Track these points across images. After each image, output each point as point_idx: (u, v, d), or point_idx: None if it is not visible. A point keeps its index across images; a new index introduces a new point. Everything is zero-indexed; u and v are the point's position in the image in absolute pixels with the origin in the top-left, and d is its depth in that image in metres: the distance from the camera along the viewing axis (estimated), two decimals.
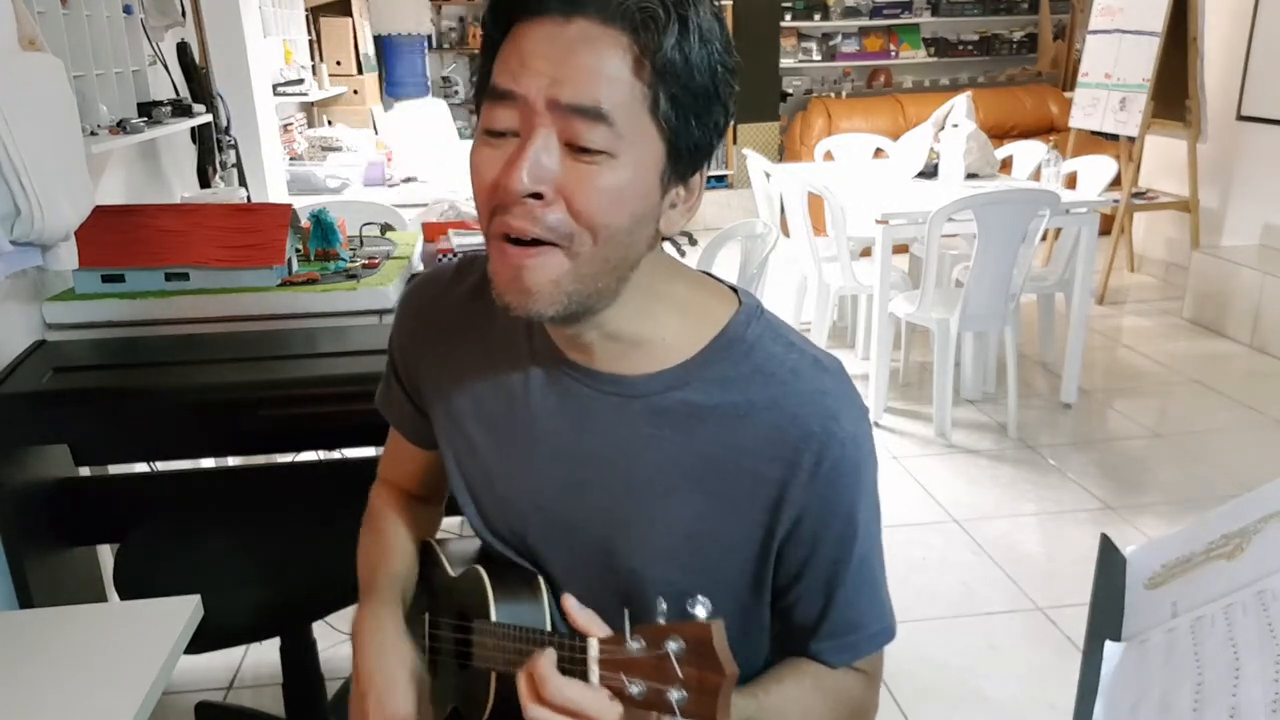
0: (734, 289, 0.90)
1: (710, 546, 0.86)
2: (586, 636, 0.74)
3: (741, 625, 0.91)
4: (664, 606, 0.70)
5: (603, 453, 0.87)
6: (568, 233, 0.74)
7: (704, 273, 0.92)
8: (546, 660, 0.74)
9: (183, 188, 2.92)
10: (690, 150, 0.76)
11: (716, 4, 0.75)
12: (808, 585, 0.88)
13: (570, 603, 0.76)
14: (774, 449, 0.82)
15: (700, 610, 0.68)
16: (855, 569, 0.88)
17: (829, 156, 4.66)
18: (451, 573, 1.00)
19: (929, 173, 3.91)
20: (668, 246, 0.86)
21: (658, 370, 0.85)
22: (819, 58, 6.71)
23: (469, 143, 0.79)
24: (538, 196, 0.72)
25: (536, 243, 0.74)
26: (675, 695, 0.67)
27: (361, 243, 2.34)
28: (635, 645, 0.70)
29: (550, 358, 0.88)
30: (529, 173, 0.71)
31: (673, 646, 0.67)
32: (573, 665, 0.75)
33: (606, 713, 0.71)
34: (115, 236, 1.98)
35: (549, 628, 0.91)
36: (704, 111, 0.75)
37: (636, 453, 0.85)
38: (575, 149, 0.72)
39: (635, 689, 0.69)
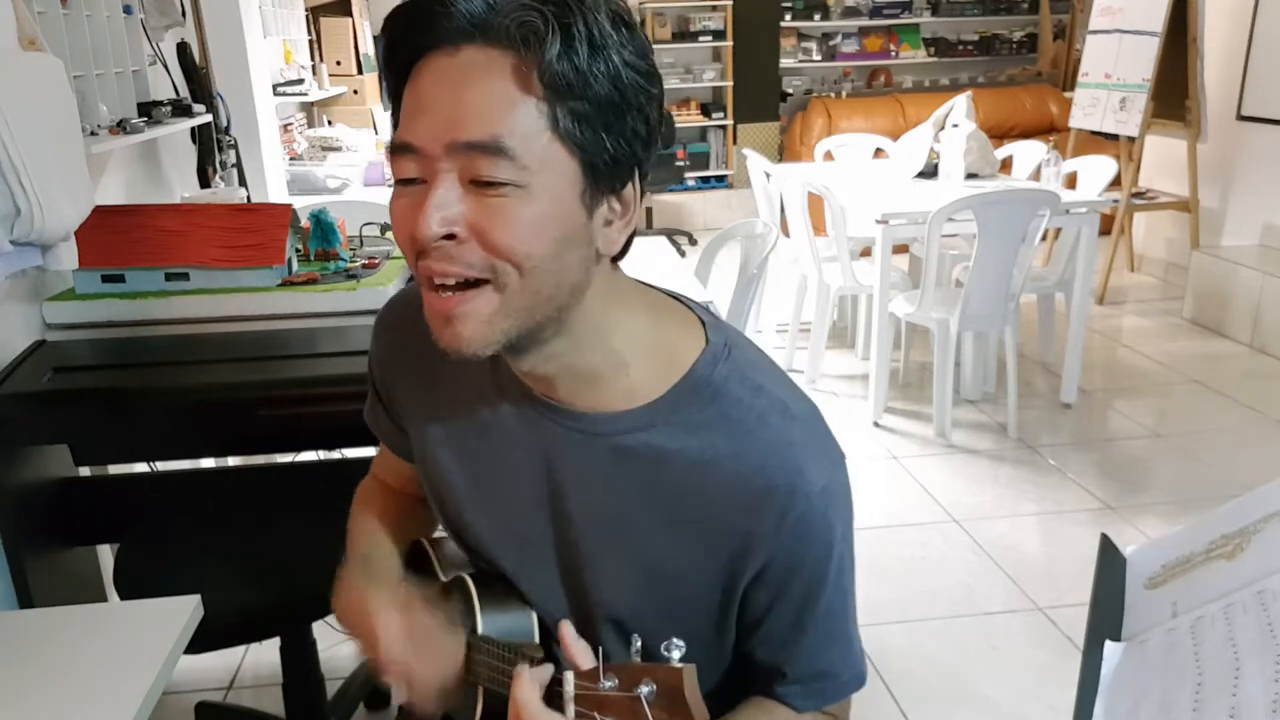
0: (701, 319, 0.87)
1: (675, 585, 0.85)
2: (564, 671, 0.74)
3: (707, 658, 0.89)
4: (638, 644, 0.70)
5: (569, 487, 0.86)
6: (489, 266, 0.72)
7: (671, 295, 0.89)
8: (528, 687, 0.75)
9: (183, 188, 2.93)
10: (609, 164, 0.72)
11: (618, 8, 0.72)
12: (770, 631, 0.86)
13: (565, 631, 0.77)
14: (738, 499, 0.80)
15: (675, 653, 0.68)
16: (820, 619, 0.85)
17: (829, 156, 4.66)
18: (442, 577, 0.99)
19: (929, 173, 3.91)
20: (666, 248, 0.85)
21: (623, 409, 0.82)
22: (819, 58, 6.71)
23: None
24: (450, 237, 0.71)
25: (463, 286, 0.73)
26: None
27: (361, 243, 2.34)
28: (609, 684, 0.70)
29: (516, 391, 0.87)
30: (435, 218, 0.70)
31: (644, 690, 0.67)
32: (549, 699, 0.75)
33: None
34: (115, 236, 1.98)
35: (537, 639, 0.91)
36: (613, 121, 0.71)
37: (601, 489, 0.84)
38: (480, 184, 0.70)
39: None
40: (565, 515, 0.87)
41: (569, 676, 0.73)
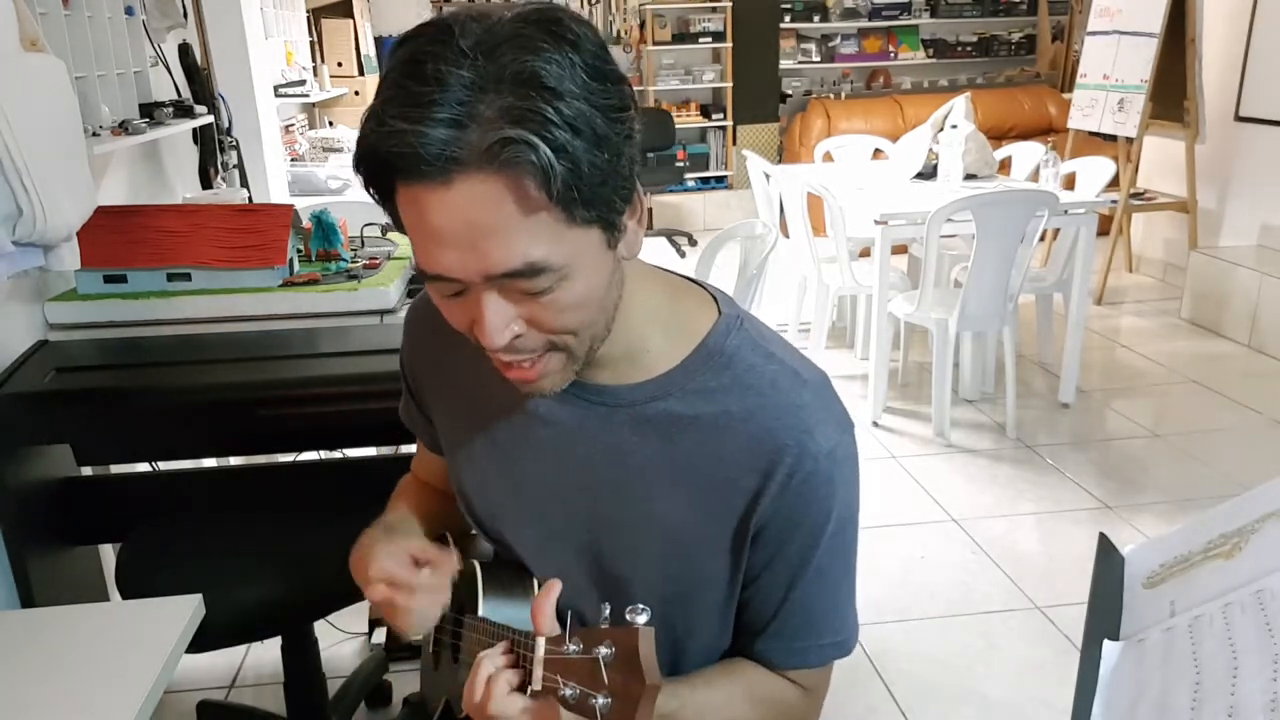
0: (715, 295, 0.91)
1: (691, 550, 0.88)
2: (536, 635, 0.74)
3: (723, 624, 0.93)
4: (606, 612, 0.71)
5: (591, 459, 0.89)
6: (553, 341, 0.76)
7: (684, 277, 0.93)
8: (489, 667, 0.77)
9: (184, 188, 2.93)
10: (621, 207, 0.74)
11: (588, 54, 0.68)
12: (763, 586, 0.89)
13: (547, 593, 0.77)
14: (750, 459, 0.84)
15: (639, 617, 0.68)
16: (810, 581, 0.88)
17: (828, 157, 4.66)
18: (459, 567, 1.01)
19: (928, 173, 3.92)
20: (666, 248, 0.86)
21: (642, 380, 0.87)
22: (818, 59, 6.71)
23: None
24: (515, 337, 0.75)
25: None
26: (600, 701, 0.67)
27: (363, 243, 2.34)
28: (573, 647, 0.70)
29: None
30: (498, 334, 0.73)
31: (603, 652, 0.67)
32: (523, 664, 0.76)
33: None
34: (117, 237, 1.98)
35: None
36: (611, 173, 0.70)
37: (622, 459, 0.88)
38: (527, 293, 0.72)
39: (568, 691, 0.69)
40: (588, 490, 0.90)
41: (540, 641, 0.73)
